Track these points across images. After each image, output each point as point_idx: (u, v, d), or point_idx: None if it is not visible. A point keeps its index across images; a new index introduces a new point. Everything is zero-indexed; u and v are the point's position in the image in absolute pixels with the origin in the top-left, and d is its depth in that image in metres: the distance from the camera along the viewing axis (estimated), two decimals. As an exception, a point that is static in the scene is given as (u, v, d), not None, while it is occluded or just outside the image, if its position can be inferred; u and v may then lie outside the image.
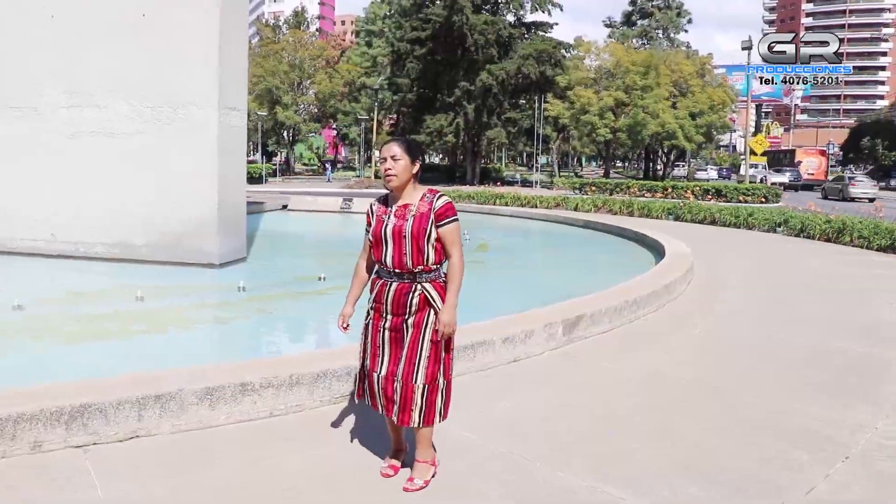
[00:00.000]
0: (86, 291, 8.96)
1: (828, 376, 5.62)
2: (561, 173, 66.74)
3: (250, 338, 7.26)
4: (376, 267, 3.65)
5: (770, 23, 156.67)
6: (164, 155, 10.43)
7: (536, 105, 51.27)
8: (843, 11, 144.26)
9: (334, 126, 75.56)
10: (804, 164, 58.28)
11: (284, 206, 22.89)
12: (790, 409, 4.82)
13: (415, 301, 3.50)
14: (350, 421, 4.40)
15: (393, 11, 69.69)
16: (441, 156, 73.42)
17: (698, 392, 5.17)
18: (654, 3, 77.37)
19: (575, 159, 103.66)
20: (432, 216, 3.49)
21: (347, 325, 3.73)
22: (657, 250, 13.01)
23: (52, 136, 10.79)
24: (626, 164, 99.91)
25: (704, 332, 7.19)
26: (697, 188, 33.35)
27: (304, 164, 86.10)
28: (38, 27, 10.75)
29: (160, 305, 8.08)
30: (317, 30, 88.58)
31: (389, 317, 3.54)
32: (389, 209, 3.59)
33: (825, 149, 69.58)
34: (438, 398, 3.54)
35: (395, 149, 3.51)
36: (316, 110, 69.66)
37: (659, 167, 64.87)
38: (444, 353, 3.56)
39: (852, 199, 38.21)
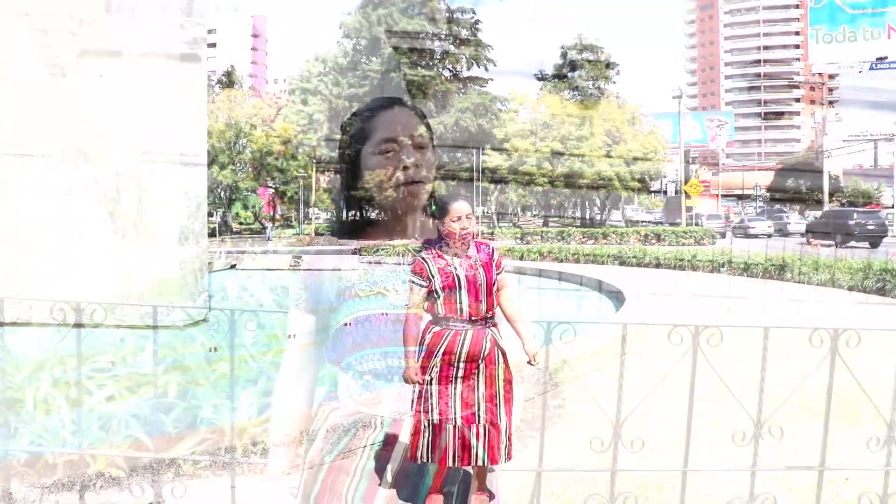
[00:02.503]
0: None
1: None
2: (499, 224, 67.52)
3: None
4: (439, 318, 3.66)
5: (692, 72, 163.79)
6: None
7: (475, 158, 52.04)
8: (759, 61, 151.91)
9: (270, 184, 75.04)
10: (702, 205, 63.53)
11: (233, 266, 22.49)
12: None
13: (487, 345, 3.59)
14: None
15: (328, 69, 70.35)
16: (377, 210, 73.41)
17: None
18: (583, 56, 79.99)
19: (511, 210, 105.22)
20: (494, 266, 3.61)
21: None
22: (617, 298, 13.25)
23: None
24: (561, 212, 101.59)
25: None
26: (640, 234, 34.13)
27: (241, 224, 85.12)
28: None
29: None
30: (250, 88, 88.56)
31: (462, 364, 3.58)
32: (450, 261, 3.62)
33: (717, 193, 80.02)
34: (513, 433, 3.63)
35: (469, 208, 3.60)
36: (252, 169, 69.18)
37: (596, 214, 66.32)
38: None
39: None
